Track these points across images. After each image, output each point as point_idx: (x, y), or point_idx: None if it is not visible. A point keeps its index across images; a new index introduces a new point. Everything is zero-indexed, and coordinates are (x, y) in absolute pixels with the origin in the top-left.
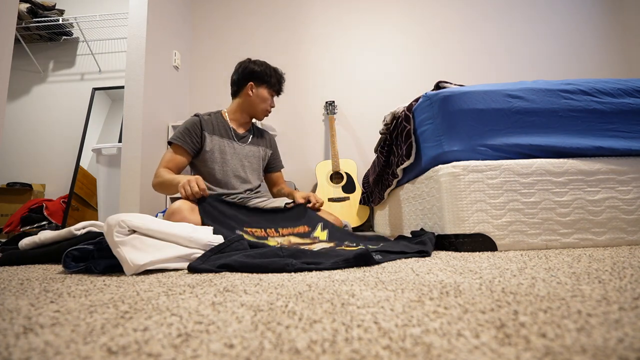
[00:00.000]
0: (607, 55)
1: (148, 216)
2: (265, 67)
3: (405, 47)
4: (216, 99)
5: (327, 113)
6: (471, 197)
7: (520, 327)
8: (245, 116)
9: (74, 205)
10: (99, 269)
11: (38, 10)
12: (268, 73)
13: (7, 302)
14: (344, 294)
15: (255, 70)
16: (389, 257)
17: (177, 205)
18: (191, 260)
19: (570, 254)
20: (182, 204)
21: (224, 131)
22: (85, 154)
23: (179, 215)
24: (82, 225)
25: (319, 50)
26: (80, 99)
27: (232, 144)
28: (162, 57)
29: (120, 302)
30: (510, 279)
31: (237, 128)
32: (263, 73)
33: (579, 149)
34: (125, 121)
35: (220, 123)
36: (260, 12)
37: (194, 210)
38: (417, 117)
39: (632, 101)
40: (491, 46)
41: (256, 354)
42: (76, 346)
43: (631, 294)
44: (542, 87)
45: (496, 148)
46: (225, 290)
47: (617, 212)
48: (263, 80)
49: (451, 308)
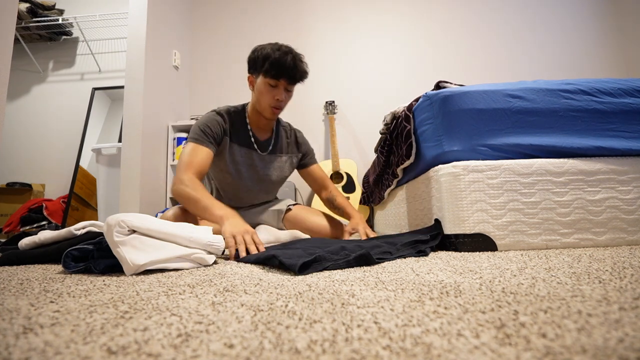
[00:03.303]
0: (606, 55)
1: (148, 216)
2: (258, 50)
3: (405, 47)
4: (216, 99)
5: (327, 113)
6: (471, 197)
7: (520, 327)
8: (260, 117)
9: (73, 205)
10: (99, 269)
11: (38, 10)
12: (262, 56)
13: (6, 302)
14: (344, 294)
15: (251, 57)
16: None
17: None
18: (191, 260)
19: (571, 254)
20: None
21: (243, 138)
22: (85, 153)
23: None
24: (82, 225)
25: (319, 50)
26: (80, 99)
27: (251, 155)
28: (162, 57)
29: (120, 302)
30: (511, 279)
31: (258, 132)
32: (254, 59)
33: (579, 148)
34: (125, 121)
35: (242, 127)
36: (261, 12)
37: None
38: (417, 117)
39: (633, 101)
40: (491, 46)
41: (256, 354)
42: (76, 346)
43: (631, 294)
44: (542, 87)
45: (496, 148)
46: (225, 290)
47: (617, 212)
48: (257, 68)
49: (451, 308)
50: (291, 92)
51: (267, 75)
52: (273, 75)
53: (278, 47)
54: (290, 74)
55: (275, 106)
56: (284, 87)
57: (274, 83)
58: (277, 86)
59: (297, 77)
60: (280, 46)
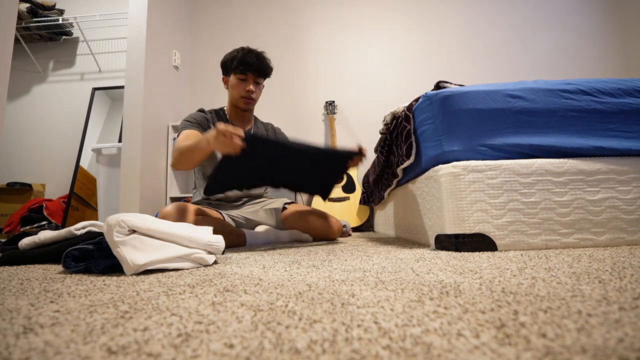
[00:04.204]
0: (606, 55)
1: (148, 216)
2: (227, 55)
3: (405, 47)
4: (216, 99)
5: (327, 113)
6: (471, 197)
7: (520, 327)
8: (238, 110)
9: (73, 205)
10: (99, 268)
11: (38, 10)
12: (230, 58)
13: (7, 302)
14: (344, 294)
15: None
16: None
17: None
18: (191, 260)
19: (570, 254)
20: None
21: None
22: (85, 153)
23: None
24: (82, 225)
25: (320, 50)
26: (80, 99)
27: None
28: (162, 57)
29: (120, 302)
30: (510, 279)
31: (238, 124)
32: (226, 61)
33: (579, 148)
34: (125, 121)
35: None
36: (261, 13)
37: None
38: (417, 117)
39: (632, 101)
40: (491, 46)
41: (256, 353)
42: (76, 346)
43: (631, 294)
44: (542, 87)
45: (496, 148)
46: (225, 290)
47: (617, 212)
48: (227, 68)
49: (451, 308)
50: (261, 84)
51: (237, 72)
52: (241, 70)
53: (242, 48)
54: (255, 67)
55: (246, 97)
56: (252, 80)
57: (243, 77)
58: (247, 79)
59: (261, 69)
60: (244, 47)
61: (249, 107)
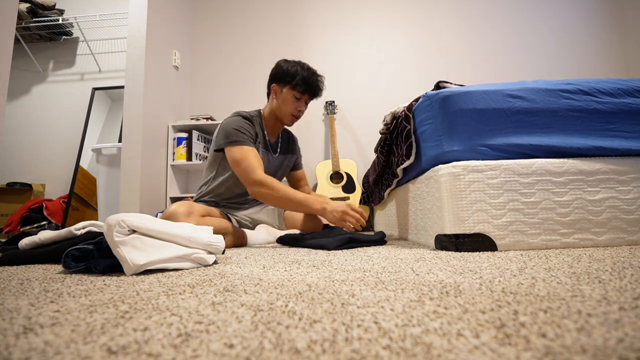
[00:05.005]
0: (606, 55)
1: (148, 216)
2: (291, 66)
3: (405, 47)
4: (216, 99)
5: (327, 113)
6: (471, 197)
7: (520, 327)
8: (277, 122)
9: (74, 205)
10: (99, 268)
11: (38, 10)
12: (291, 72)
13: (7, 302)
14: (344, 294)
15: (279, 70)
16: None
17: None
18: (191, 260)
19: (570, 254)
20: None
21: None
22: (85, 154)
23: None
24: (82, 225)
25: (320, 50)
26: (80, 99)
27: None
28: (162, 57)
29: (120, 302)
30: (510, 279)
31: (270, 135)
32: (285, 72)
33: (579, 148)
34: (125, 121)
35: (260, 130)
36: (261, 13)
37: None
38: (417, 117)
39: (632, 101)
40: (491, 46)
41: (256, 353)
42: (76, 346)
43: (631, 294)
44: (542, 87)
45: (496, 148)
46: (225, 290)
47: (617, 212)
48: (285, 80)
49: (451, 308)
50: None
51: (295, 89)
52: (301, 90)
53: (307, 67)
54: (314, 91)
55: (296, 115)
56: (305, 101)
57: (299, 96)
58: (301, 99)
59: (318, 94)
60: (308, 67)
61: (292, 124)
